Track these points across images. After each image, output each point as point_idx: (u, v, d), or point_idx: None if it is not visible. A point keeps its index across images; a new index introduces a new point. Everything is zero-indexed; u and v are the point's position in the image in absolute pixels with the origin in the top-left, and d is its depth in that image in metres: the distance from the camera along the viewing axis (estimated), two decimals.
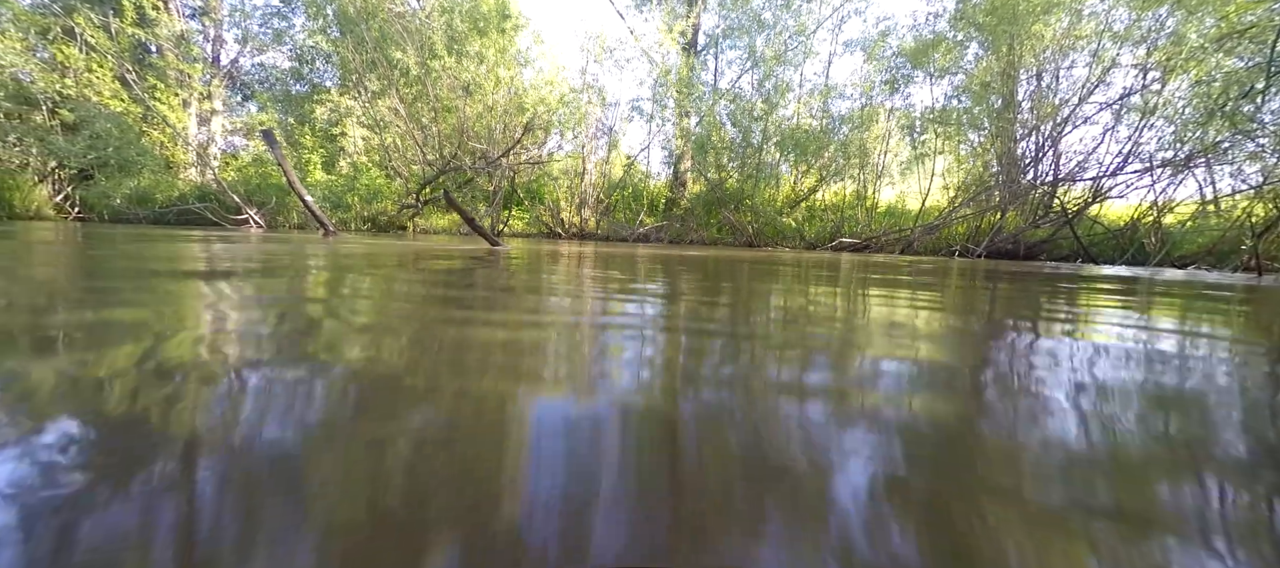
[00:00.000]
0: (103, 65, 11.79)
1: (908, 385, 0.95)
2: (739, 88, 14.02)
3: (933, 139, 11.62)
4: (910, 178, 13.26)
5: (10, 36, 11.18)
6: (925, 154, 11.90)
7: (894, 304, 2.08)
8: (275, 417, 0.70)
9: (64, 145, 10.85)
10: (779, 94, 12.31)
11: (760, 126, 11.93)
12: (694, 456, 0.63)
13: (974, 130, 11.09)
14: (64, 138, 11.10)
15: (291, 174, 6.87)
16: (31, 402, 0.73)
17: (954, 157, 11.66)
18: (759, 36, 13.38)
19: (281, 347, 1.07)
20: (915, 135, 12.08)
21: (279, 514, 0.47)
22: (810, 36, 13.13)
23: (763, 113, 11.93)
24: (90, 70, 11.70)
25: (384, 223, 11.51)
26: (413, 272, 2.78)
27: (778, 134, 12.12)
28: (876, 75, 12.27)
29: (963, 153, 11.50)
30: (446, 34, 11.44)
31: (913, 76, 11.69)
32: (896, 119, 12.12)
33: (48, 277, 2.07)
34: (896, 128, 12.26)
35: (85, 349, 1.00)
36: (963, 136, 11.25)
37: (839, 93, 12.93)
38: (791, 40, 12.91)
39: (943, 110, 11.37)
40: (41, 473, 0.54)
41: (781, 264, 4.78)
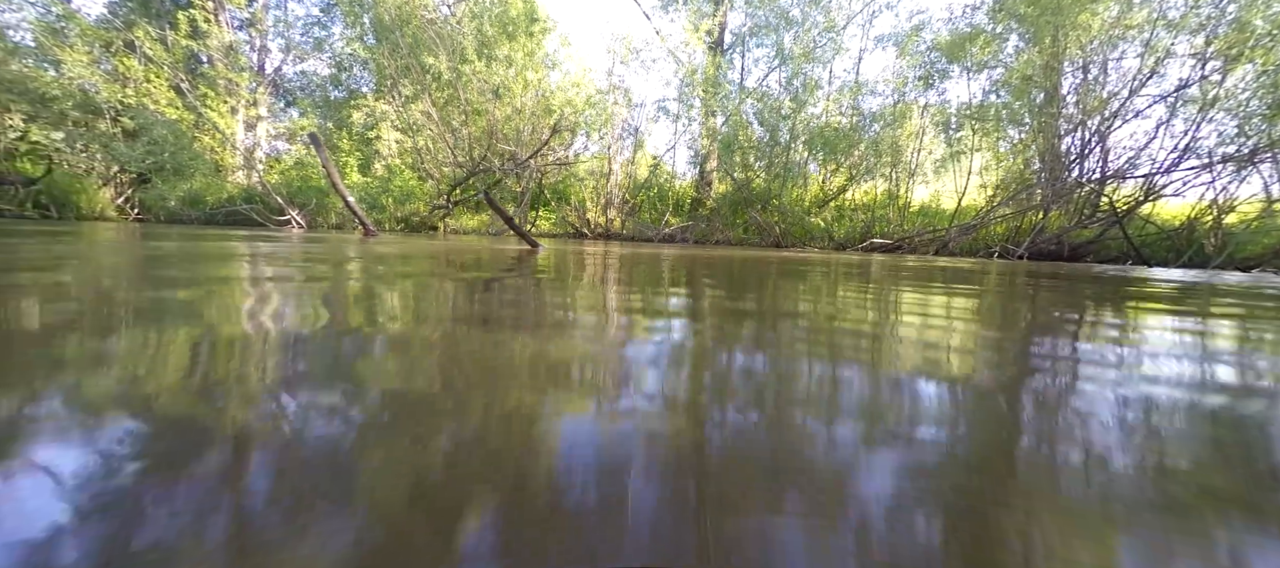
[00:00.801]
0: (159, 75, 12.53)
1: (949, 411, 0.86)
2: (766, 86, 13.85)
3: (969, 136, 11.22)
4: (945, 176, 12.83)
5: (78, 50, 12.00)
6: (961, 151, 11.50)
7: (931, 311, 2.02)
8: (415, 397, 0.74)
9: (125, 151, 11.59)
10: (807, 92, 12.10)
11: (788, 125, 11.76)
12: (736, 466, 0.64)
13: (1014, 126, 10.66)
14: (124, 144, 11.85)
15: (335, 176, 7.16)
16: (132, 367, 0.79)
17: (992, 153, 11.22)
18: (787, 34, 13.18)
19: (391, 334, 1.12)
20: (951, 132, 11.69)
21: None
22: (840, 33, 12.87)
23: (790, 111, 11.76)
24: (148, 80, 12.45)
25: (416, 223, 11.86)
26: (480, 270, 2.86)
27: (806, 133, 11.91)
28: (909, 71, 11.93)
29: (1001, 150, 11.06)
30: (477, 39, 11.70)
31: (948, 71, 11.31)
32: (930, 115, 11.75)
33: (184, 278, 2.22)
34: (930, 124, 11.88)
35: (202, 318, 1.08)
36: (1001, 133, 10.82)
37: (870, 90, 12.63)
38: (820, 37, 12.68)
39: (980, 106, 10.96)
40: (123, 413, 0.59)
41: (811, 266, 4.70)
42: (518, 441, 0.66)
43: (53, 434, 0.63)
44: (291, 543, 0.43)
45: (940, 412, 0.86)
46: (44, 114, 11.60)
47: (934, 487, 0.57)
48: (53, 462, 0.56)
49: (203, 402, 0.76)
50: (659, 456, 0.62)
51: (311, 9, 16.43)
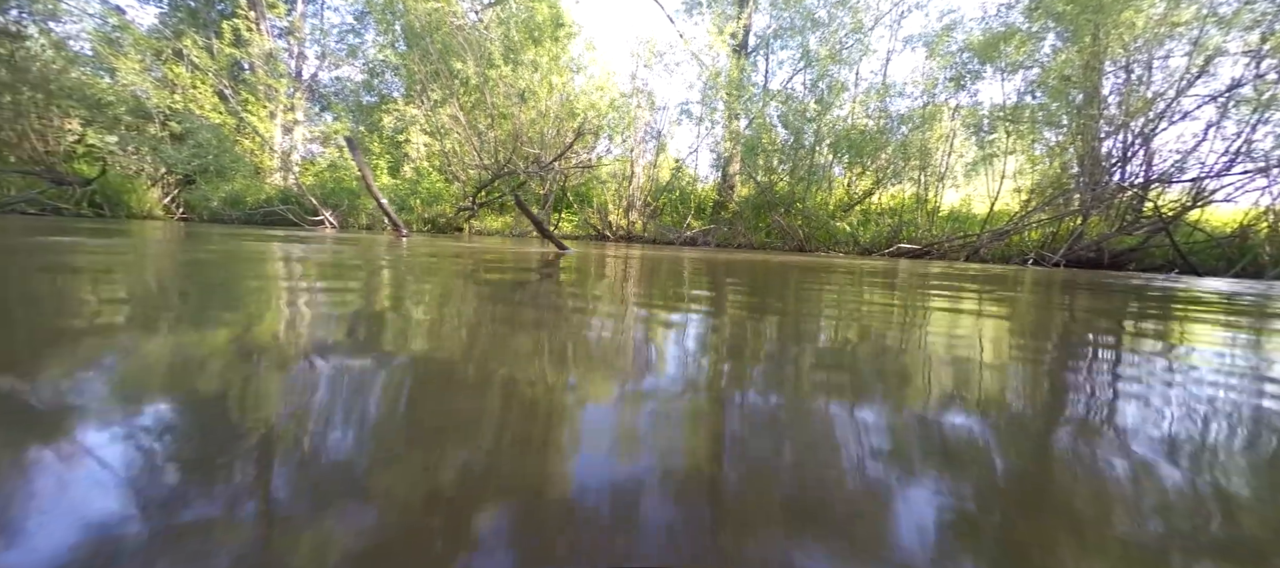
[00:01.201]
0: (205, 82, 13.14)
1: (987, 436, 0.78)
2: (791, 88, 13.71)
3: (1003, 138, 10.87)
4: (976, 180, 12.46)
5: (131, 58, 12.69)
6: (994, 154, 11.16)
7: (965, 322, 1.96)
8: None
9: (172, 153, 12.19)
10: (833, 94, 11.93)
11: (813, 128, 11.61)
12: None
13: (1050, 128, 10.29)
14: (172, 147, 12.46)
15: (370, 178, 7.39)
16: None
17: (1027, 157, 10.86)
18: (812, 35, 13.04)
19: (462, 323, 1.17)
20: (983, 134, 11.36)
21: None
22: (867, 34, 12.66)
23: (816, 113, 11.61)
24: (194, 86, 13.07)
25: (442, 224, 12.12)
26: (518, 273, 2.93)
27: (831, 135, 11.74)
28: (940, 72, 11.65)
29: (1037, 153, 10.70)
30: (503, 43, 11.91)
31: (981, 72, 11.01)
32: (961, 118, 11.44)
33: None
34: (961, 127, 11.57)
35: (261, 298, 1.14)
36: (1037, 135, 10.46)
37: (898, 91, 12.37)
38: (847, 38, 12.50)
39: (1015, 107, 10.63)
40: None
41: (838, 272, 4.64)
42: (580, 440, 0.68)
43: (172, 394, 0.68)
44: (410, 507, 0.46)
45: (977, 436, 0.79)
46: (99, 119, 12.31)
47: (968, 520, 0.53)
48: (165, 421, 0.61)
49: (321, 360, 0.81)
50: (707, 465, 0.63)
51: (346, 17, 17.00)
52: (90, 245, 3.45)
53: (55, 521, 0.45)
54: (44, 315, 1.31)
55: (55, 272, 2.05)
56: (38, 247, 3.19)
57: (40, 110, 11.47)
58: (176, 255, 3.17)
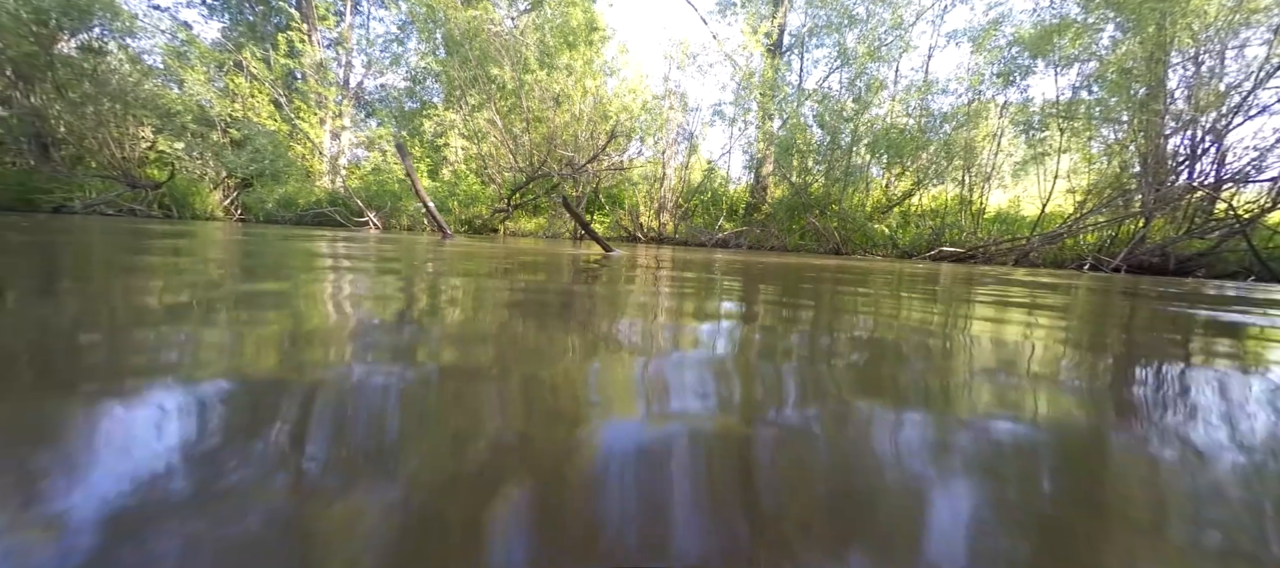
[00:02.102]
0: (262, 91, 13.97)
1: (1052, 477, 0.65)
2: (827, 87, 13.44)
3: (1055, 136, 10.33)
4: (1025, 180, 11.89)
5: (197, 70, 13.63)
6: (1045, 153, 10.61)
7: (1020, 334, 1.88)
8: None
9: (233, 158, 13.01)
10: (872, 92, 11.62)
11: (850, 127, 11.33)
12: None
13: (1108, 125, 9.70)
14: (232, 153, 13.30)
15: (417, 182, 7.68)
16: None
17: (1082, 155, 10.27)
18: (850, 32, 12.75)
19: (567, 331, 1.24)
20: (1033, 132, 10.82)
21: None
22: (908, 29, 12.28)
23: (853, 112, 11.33)
24: (252, 96, 13.92)
25: (478, 225, 12.46)
26: (581, 272, 3.01)
27: (869, 135, 11.44)
28: (986, 67, 11.18)
29: (1093, 151, 10.10)
30: (539, 49, 12.16)
31: (1031, 67, 10.50)
32: (1010, 115, 10.94)
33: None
34: (1010, 125, 11.06)
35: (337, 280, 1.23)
36: (1094, 132, 9.89)
37: (941, 88, 11.94)
38: (887, 34, 12.16)
39: (1069, 103, 10.08)
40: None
41: (888, 277, 4.53)
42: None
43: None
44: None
45: (1041, 477, 0.66)
46: (169, 127, 13.26)
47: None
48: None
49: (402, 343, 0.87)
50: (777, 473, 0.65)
51: (390, 27, 17.73)
52: (188, 240, 3.74)
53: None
54: (191, 280, 1.44)
55: (184, 254, 2.24)
56: (158, 242, 3.47)
57: (118, 119, 12.45)
58: (282, 252, 3.39)
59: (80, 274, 2.03)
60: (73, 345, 1.01)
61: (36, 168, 11.48)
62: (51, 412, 0.68)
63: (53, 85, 11.45)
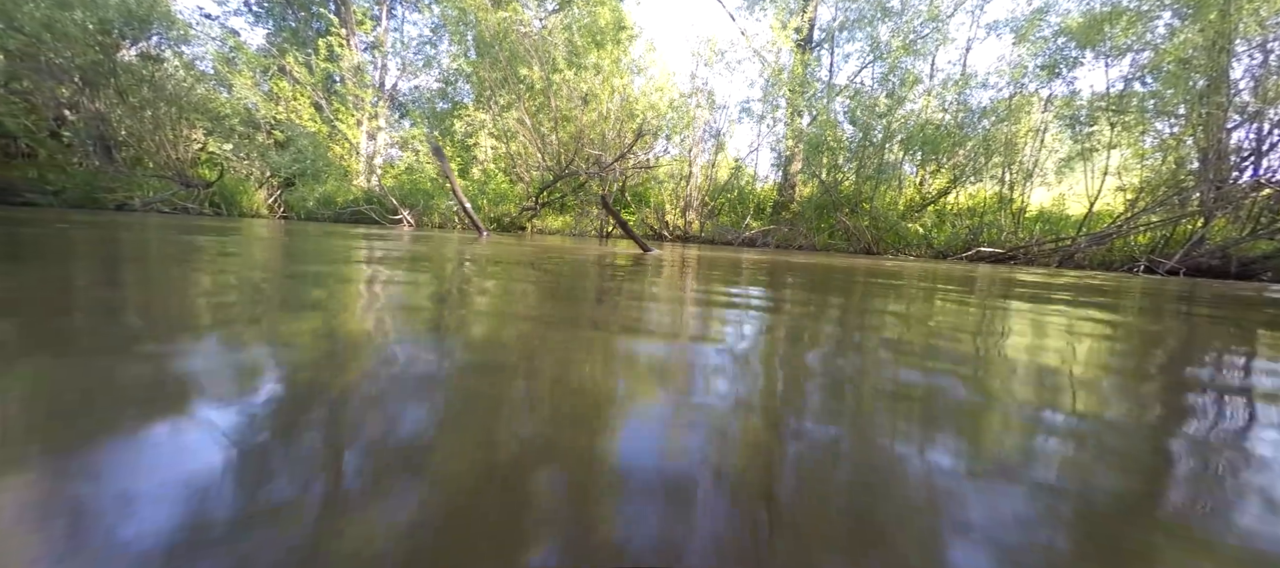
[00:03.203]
0: (303, 94, 14.56)
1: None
2: (859, 82, 13.14)
3: (1104, 130, 9.82)
4: (1072, 177, 11.34)
5: (244, 75, 14.30)
6: (1093, 149, 10.10)
7: (1086, 347, 1.67)
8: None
9: (277, 159, 13.61)
10: (906, 87, 11.28)
11: (883, 123, 11.04)
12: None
13: (1163, 118, 9.17)
14: (276, 153, 13.92)
15: (454, 182, 7.88)
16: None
17: (1133, 151, 9.74)
18: (883, 25, 12.42)
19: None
20: (1079, 127, 10.31)
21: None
22: (945, 21, 11.86)
23: (886, 108, 11.03)
24: (295, 99, 14.52)
25: (506, 223, 12.68)
26: (627, 269, 3.07)
27: (903, 131, 11.11)
28: (1029, 59, 10.70)
29: (1146, 146, 9.56)
30: (567, 48, 12.28)
31: (1079, 58, 10.00)
32: (1055, 109, 10.46)
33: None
34: (1054, 119, 10.57)
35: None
36: (1147, 126, 9.36)
37: (980, 82, 11.49)
38: (922, 27, 11.79)
39: (1119, 96, 9.56)
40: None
41: (923, 280, 4.41)
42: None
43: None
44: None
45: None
46: (218, 129, 13.97)
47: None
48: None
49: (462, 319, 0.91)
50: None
51: (423, 30, 18.20)
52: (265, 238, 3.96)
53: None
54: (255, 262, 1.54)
55: (262, 241, 2.39)
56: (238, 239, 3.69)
57: (173, 122, 13.18)
58: (349, 249, 3.55)
59: (208, 258, 2.19)
60: (221, 303, 1.10)
61: (101, 168, 12.26)
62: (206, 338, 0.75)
63: (115, 91, 12.21)
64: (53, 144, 12.26)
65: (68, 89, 11.70)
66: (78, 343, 0.98)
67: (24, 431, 0.61)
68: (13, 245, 2.80)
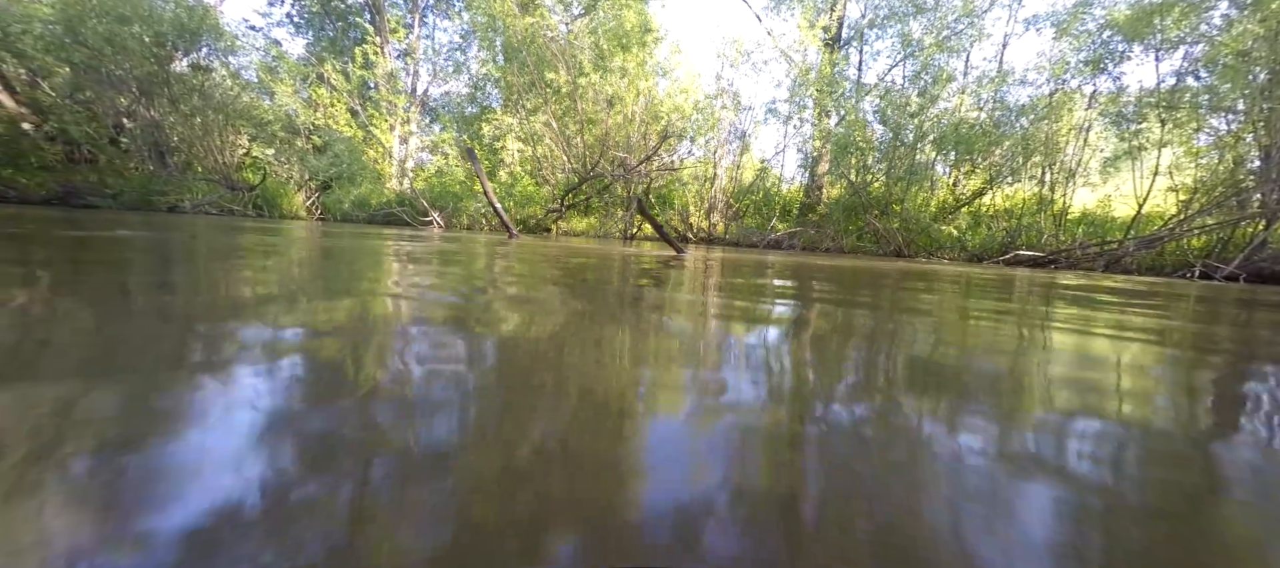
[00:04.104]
0: (340, 101, 15.12)
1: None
2: (890, 81, 12.85)
3: (1154, 128, 9.33)
4: (1118, 177, 10.82)
5: (285, 83, 14.94)
6: (1141, 147, 9.61)
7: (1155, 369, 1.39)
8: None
9: (315, 163, 14.17)
10: (939, 86, 10.97)
11: (915, 123, 10.76)
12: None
13: (1219, 114, 8.66)
14: (314, 157, 14.49)
15: (487, 184, 8.07)
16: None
17: (1186, 149, 9.22)
18: (915, 21, 12.12)
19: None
20: (1126, 124, 9.82)
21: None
22: (981, 17, 11.49)
23: (918, 107, 10.75)
24: (332, 105, 15.09)
25: (532, 225, 12.87)
26: (668, 271, 3.11)
27: (935, 130, 10.80)
28: (1072, 54, 10.26)
29: (1200, 144, 9.04)
30: (593, 52, 12.40)
31: (1126, 52, 9.54)
32: (1099, 105, 9.99)
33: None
34: (1098, 116, 10.11)
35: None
36: (1201, 123, 8.85)
37: (1018, 79, 11.09)
38: (957, 23, 11.45)
39: (1171, 91, 9.07)
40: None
41: (949, 282, 4.30)
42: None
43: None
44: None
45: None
46: (261, 135, 14.64)
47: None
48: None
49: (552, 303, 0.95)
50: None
51: (453, 37, 18.68)
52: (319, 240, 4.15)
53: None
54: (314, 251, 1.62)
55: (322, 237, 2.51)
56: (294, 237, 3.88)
57: (220, 129, 13.87)
58: (391, 253, 3.70)
59: (281, 250, 2.32)
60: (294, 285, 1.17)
61: (155, 172, 12.99)
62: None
63: (168, 100, 12.92)
64: (111, 150, 13.05)
65: (126, 98, 12.45)
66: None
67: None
68: (119, 248, 3.01)
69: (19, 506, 0.47)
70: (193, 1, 12.61)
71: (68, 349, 0.94)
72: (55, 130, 12.20)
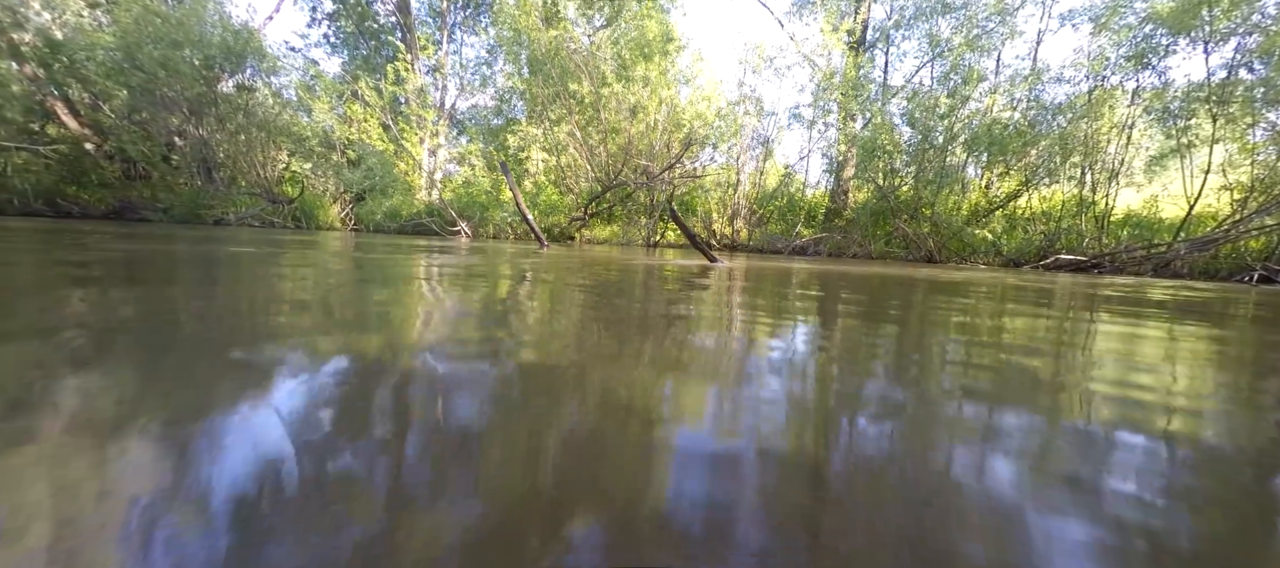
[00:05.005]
0: (373, 116, 15.69)
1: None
2: (918, 82, 12.60)
3: (1203, 124, 8.88)
4: (1164, 176, 10.32)
5: (322, 100, 15.59)
6: (1191, 144, 9.15)
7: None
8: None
9: (350, 176, 14.72)
10: (970, 85, 10.70)
11: (944, 124, 10.51)
12: None
13: (1277, 108, 8.18)
14: (349, 171, 15.05)
15: (519, 195, 8.26)
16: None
17: (1240, 146, 8.73)
18: (943, 21, 11.87)
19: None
20: (1173, 121, 9.37)
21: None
22: (1013, 14, 11.17)
23: (948, 108, 10.50)
24: (365, 120, 15.66)
25: (556, 234, 13.05)
26: (707, 279, 3.15)
27: (966, 131, 10.52)
28: (1111, 50, 9.87)
29: (1256, 139, 8.55)
30: (616, 62, 12.56)
31: (1172, 45, 9.12)
32: (1143, 102, 9.57)
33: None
34: (1142, 113, 9.67)
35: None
36: (1257, 118, 8.38)
37: (1054, 76, 10.71)
38: (987, 21, 11.16)
39: (1221, 84, 8.63)
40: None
41: (984, 289, 4.18)
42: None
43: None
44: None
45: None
46: (300, 150, 15.30)
47: None
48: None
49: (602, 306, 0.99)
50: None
51: (480, 52, 19.20)
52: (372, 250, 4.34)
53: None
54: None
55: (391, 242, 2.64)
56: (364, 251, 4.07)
57: (263, 145, 14.57)
58: (464, 264, 3.84)
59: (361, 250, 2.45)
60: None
61: (202, 187, 13.71)
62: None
63: (215, 118, 13.66)
64: (164, 166, 13.85)
65: (177, 118, 13.20)
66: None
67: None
68: (209, 264, 3.21)
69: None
70: (239, 26, 13.33)
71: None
72: (114, 149, 13.03)
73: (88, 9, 12.53)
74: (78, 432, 0.65)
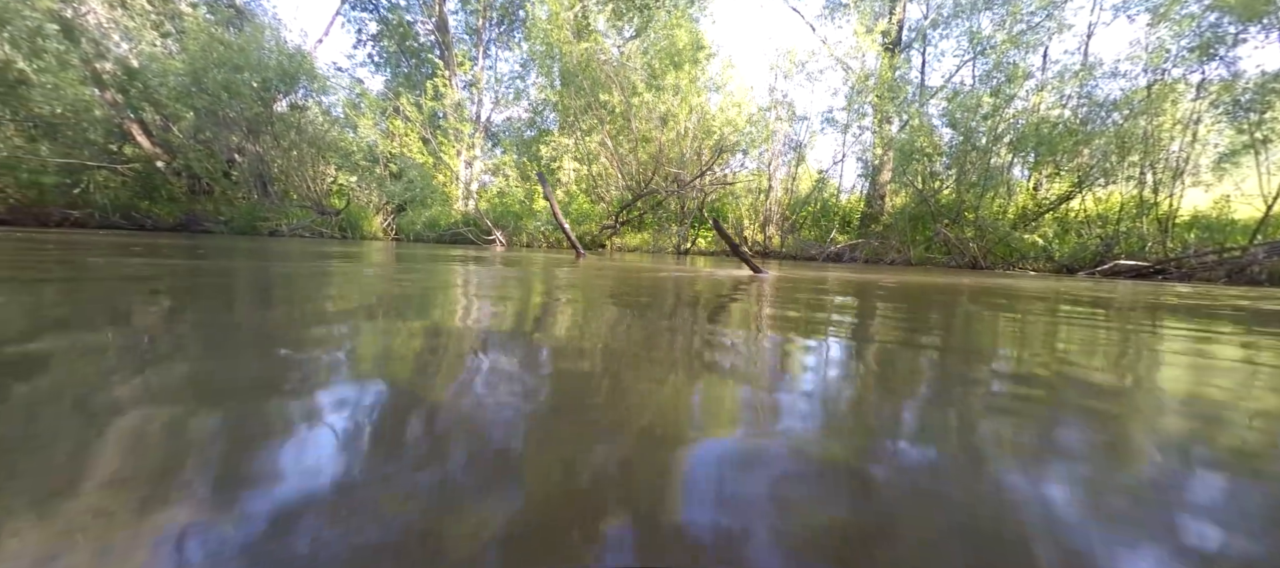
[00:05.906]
0: (413, 130, 16.36)
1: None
2: (959, 81, 12.20)
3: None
4: (1236, 174, 9.59)
5: (367, 117, 16.38)
6: (1266, 140, 8.49)
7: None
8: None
9: (392, 188, 15.38)
10: (1014, 83, 10.27)
11: (988, 125, 10.11)
12: None
13: None
14: (391, 183, 15.73)
15: (556, 205, 8.45)
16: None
17: None
18: (984, 16, 11.47)
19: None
20: (1245, 115, 8.72)
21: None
22: (1061, 6, 10.67)
23: (991, 108, 10.10)
24: (406, 135, 16.34)
25: (588, 242, 13.21)
26: (762, 290, 3.18)
27: (1012, 131, 10.09)
28: (1172, 42, 9.29)
29: None
30: (646, 71, 12.69)
31: (1241, 35, 8.51)
32: (1210, 95, 8.95)
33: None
34: (1208, 107, 9.05)
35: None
36: None
37: (1108, 71, 10.16)
38: (1032, 16, 10.71)
39: None
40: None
41: (1073, 303, 3.99)
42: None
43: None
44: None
45: None
46: (346, 164, 16.09)
47: None
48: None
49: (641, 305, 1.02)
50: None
51: (514, 66, 19.75)
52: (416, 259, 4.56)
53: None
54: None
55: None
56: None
57: (313, 160, 15.40)
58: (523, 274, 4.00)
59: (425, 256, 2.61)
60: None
61: (259, 201, 14.59)
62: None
63: (271, 136, 14.54)
64: (225, 182, 14.82)
65: (237, 136, 14.13)
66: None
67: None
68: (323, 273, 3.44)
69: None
70: (293, 49, 14.18)
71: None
72: (181, 166, 14.05)
73: (160, 38, 13.62)
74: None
